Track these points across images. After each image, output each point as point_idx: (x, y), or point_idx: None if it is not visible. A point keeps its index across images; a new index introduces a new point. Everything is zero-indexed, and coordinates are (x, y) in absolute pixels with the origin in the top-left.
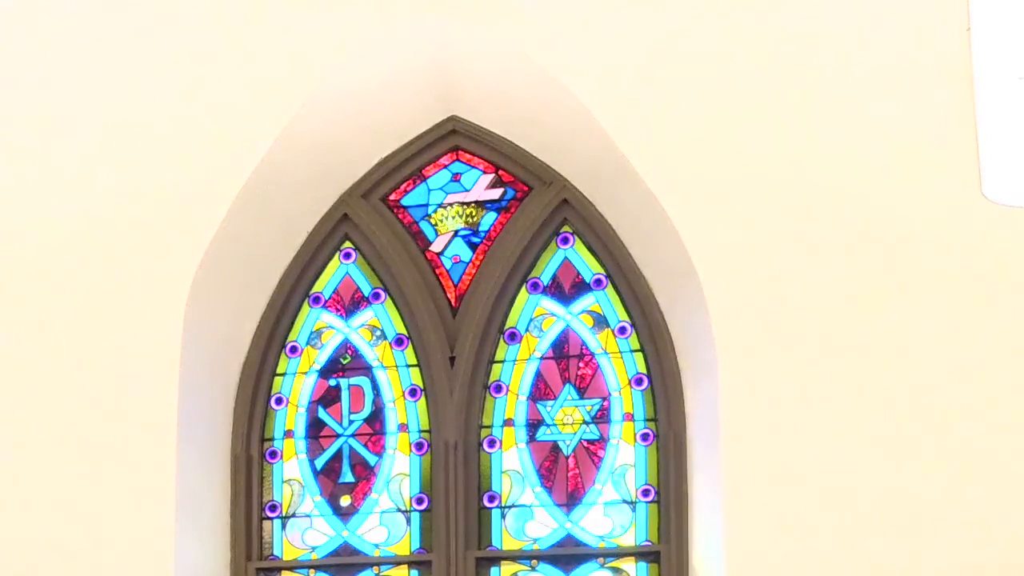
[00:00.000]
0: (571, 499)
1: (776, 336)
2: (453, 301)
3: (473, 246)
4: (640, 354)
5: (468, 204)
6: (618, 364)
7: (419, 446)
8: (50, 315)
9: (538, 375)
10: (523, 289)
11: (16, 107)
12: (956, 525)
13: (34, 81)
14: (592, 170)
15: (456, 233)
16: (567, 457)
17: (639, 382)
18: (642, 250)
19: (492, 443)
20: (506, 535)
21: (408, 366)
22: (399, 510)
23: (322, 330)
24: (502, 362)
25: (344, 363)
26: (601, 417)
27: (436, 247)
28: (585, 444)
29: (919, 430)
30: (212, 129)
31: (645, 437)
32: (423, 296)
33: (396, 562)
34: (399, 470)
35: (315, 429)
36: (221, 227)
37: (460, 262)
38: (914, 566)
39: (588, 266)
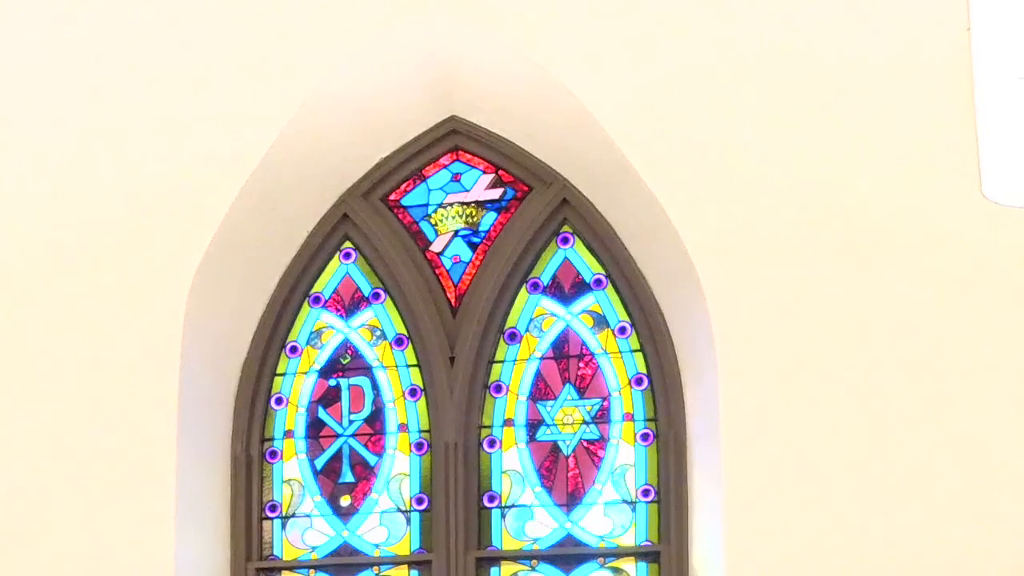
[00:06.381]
0: (571, 499)
1: (776, 336)
2: (453, 301)
3: (473, 246)
4: (640, 354)
5: (468, 204)
6: (618, 364)
7: (419, 446)
8: (50, 315)
9: (538, 375)
10: (523, 289)
11: (16, 108)
12: (957, 525)
13: (34, 82)
14: (592, 170)
15: (456, 233)
16: (567, 457)
17: (639, 382)
18: (642, 250)
19: (492, 443)
20: (506, 535)
21: (408, 366)
22: (399, 510)
23: (322, 330)
24: (502, 362)
25: (344, 363)
26: (601, 417)
27: (436, 247)
28: (585, 444)
29: (919, 429)
30: (212, 129)
31: (645, 437)
32: (423, 296)
33: (396, 562)
34: (399, 470)
35: (315, 429)
36: (221, 227)
37: (460, 262)
38: (914, 566)
39: (588, 266)
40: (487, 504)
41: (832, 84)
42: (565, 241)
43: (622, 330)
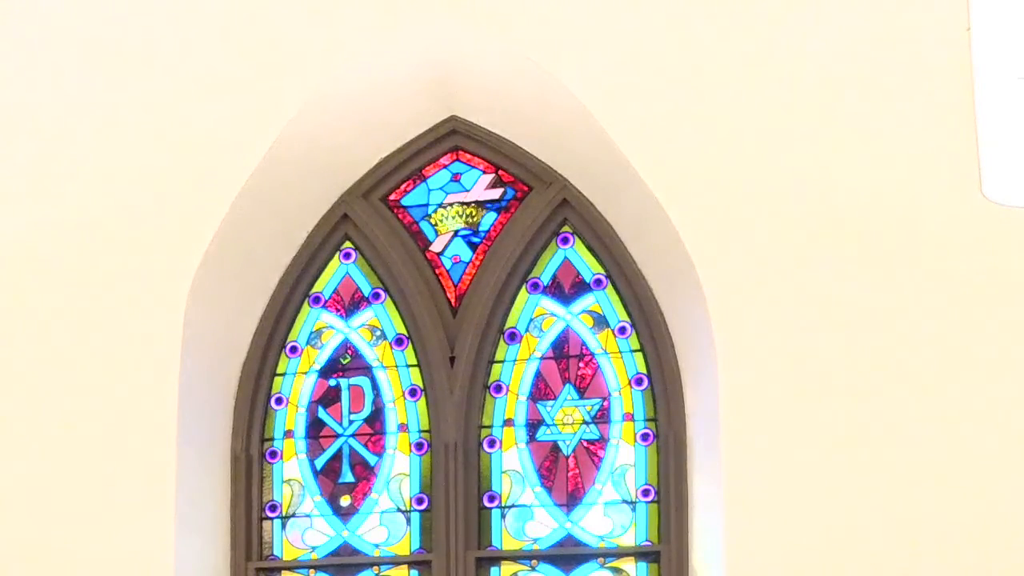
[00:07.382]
0: (571, 499)
1: (776, 336)
2: (453, 301)
3: (473, 246)
4: (640, 354)
5: (468, 204)
6: (618, 364)
7: (419, 446)
8: (50, 315)
9: (538, 375)
10: (523, 289)
11: (17, 108)
12: (956, 525)
13: (35, 82)
14: (592, 170)
15: (456, 233)
16: (567, 457)
17: (639, 382)
18: (642, 250)
19: (492, 443)
20: (506, 535)
21: (408, 366)
22: (399, 510)
23: (322, 330)
24: (502, 362)
25: (344, 363)
26: (601, 417)
27: (436, 247)
28: (585, 444)
29: (919, 430)
30: (213, 129)
31: (645, 437)
32: (423, 296)
33: (396, 562)
34: (399, 470)
35: (315, 429)
36: (221, 227)
37: (460, 262)
38: (914, 566)
39: (588, 266)
40: (487, 504)
41: (832, 84)
42: (565, 241)
43: (622, 330)
